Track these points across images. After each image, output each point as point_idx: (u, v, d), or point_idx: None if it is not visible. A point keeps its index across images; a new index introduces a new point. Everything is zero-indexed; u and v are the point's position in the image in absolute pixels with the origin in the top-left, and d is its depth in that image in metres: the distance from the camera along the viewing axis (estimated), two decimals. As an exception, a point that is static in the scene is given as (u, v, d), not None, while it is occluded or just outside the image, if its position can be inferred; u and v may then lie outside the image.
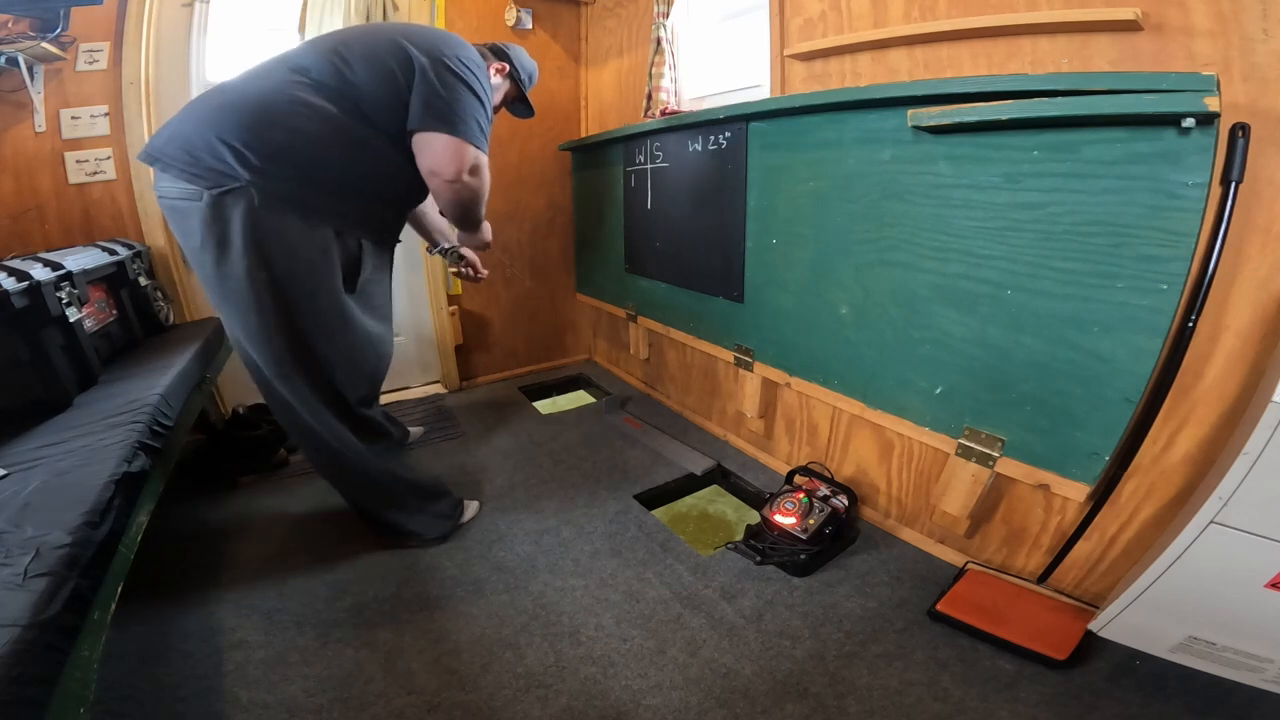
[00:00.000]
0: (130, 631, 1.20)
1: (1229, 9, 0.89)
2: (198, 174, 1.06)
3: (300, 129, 1.10)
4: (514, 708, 1.04)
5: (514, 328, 2.74)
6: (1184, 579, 0.87)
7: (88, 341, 1.36)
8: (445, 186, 1.19)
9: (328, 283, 1.19)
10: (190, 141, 1.07)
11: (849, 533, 1.48)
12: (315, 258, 1.16)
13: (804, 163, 1.47)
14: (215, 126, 1.07)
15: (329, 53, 1.14)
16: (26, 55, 1.63)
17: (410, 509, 1.47)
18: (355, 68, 1.12)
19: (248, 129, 1.07)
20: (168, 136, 1.10)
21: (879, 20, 1.36)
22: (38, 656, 0.63)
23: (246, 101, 1.10)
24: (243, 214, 1.07)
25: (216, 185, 1.06)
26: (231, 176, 1.06)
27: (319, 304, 1.18)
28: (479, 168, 1.20)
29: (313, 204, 1.14)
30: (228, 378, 2.12)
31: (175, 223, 1.14)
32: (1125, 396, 1.01)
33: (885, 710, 1.01)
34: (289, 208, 1.11)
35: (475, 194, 1.23)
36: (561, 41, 2.55)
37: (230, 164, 1.06)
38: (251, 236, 1.09)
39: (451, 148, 1.14)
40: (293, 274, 1.14)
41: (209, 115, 1.09)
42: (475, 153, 1.17)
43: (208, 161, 1.06)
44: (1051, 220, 1.04)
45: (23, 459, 1.00)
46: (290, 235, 1.12)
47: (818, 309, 1.52)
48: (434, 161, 1.15)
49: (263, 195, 1.08)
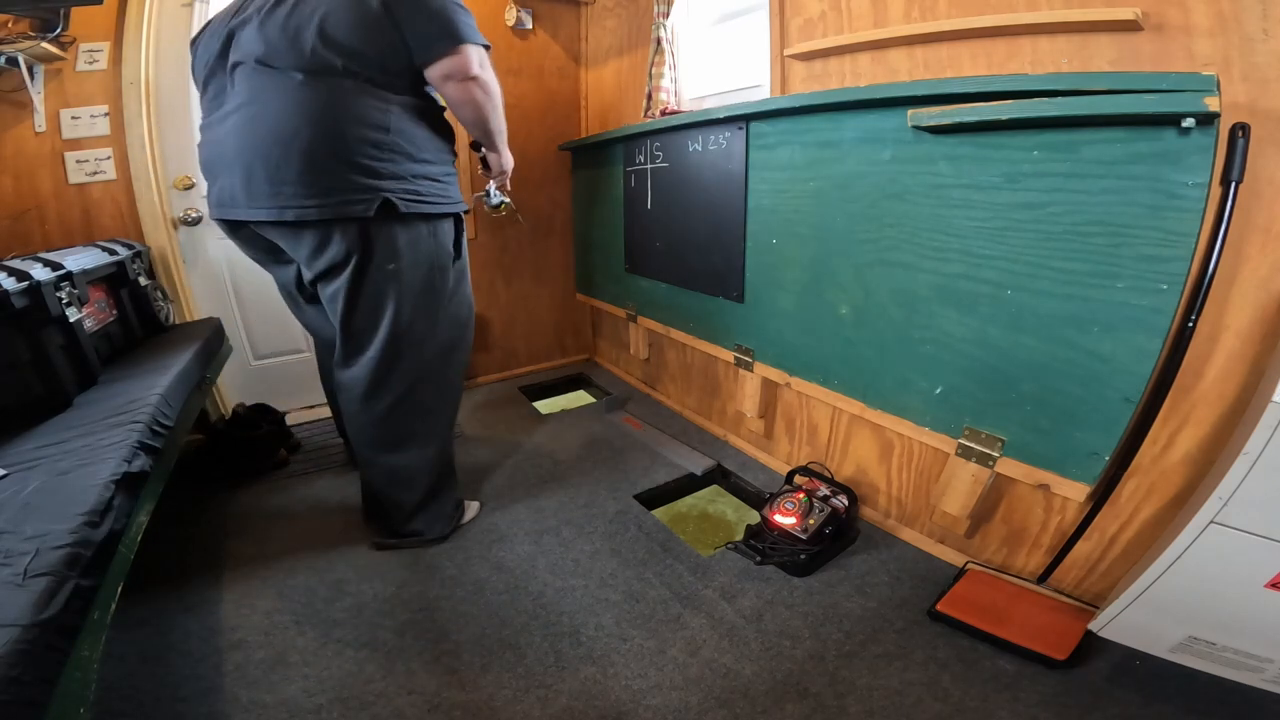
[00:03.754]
0: (130, 631, 1.20)
1: (1229, 9, 0.89)
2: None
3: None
4: (514, 708, 1.04)
5: (514, 328, 2.74)
6: (1184, 579, 0.87)
7: (88, 341, 1.36)
8: (461, 89, 1.17)
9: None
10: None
11: (849, 533, 1.48)
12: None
13: (804, 163, 1.47)
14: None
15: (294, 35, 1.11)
16: (26, 55, 1.63)
17: (429, 502, 1.47)
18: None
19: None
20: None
21: (879, 20, 1.36)
22: (38, 656, 0.63)
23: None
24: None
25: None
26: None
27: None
28: (484, 62, 1.18)
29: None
30: (228, 378, 2.12)
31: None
32: (1125, 396, 1.01)
33: (885, 710, 1.01)
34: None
35: (490, 89, 1.21)
36: (561, 41, 2.55)
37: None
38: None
39: (455, 61, 1.13)
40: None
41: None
42: (470, 55, 1.14)
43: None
44: (1051, 220, 1.04)
45: (23, 459, 1.00)
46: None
47: (818, 309, 1.52)
48: (447, 69, 1.14)
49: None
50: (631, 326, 2.42)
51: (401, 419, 1.34)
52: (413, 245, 1.23)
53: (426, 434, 1.39)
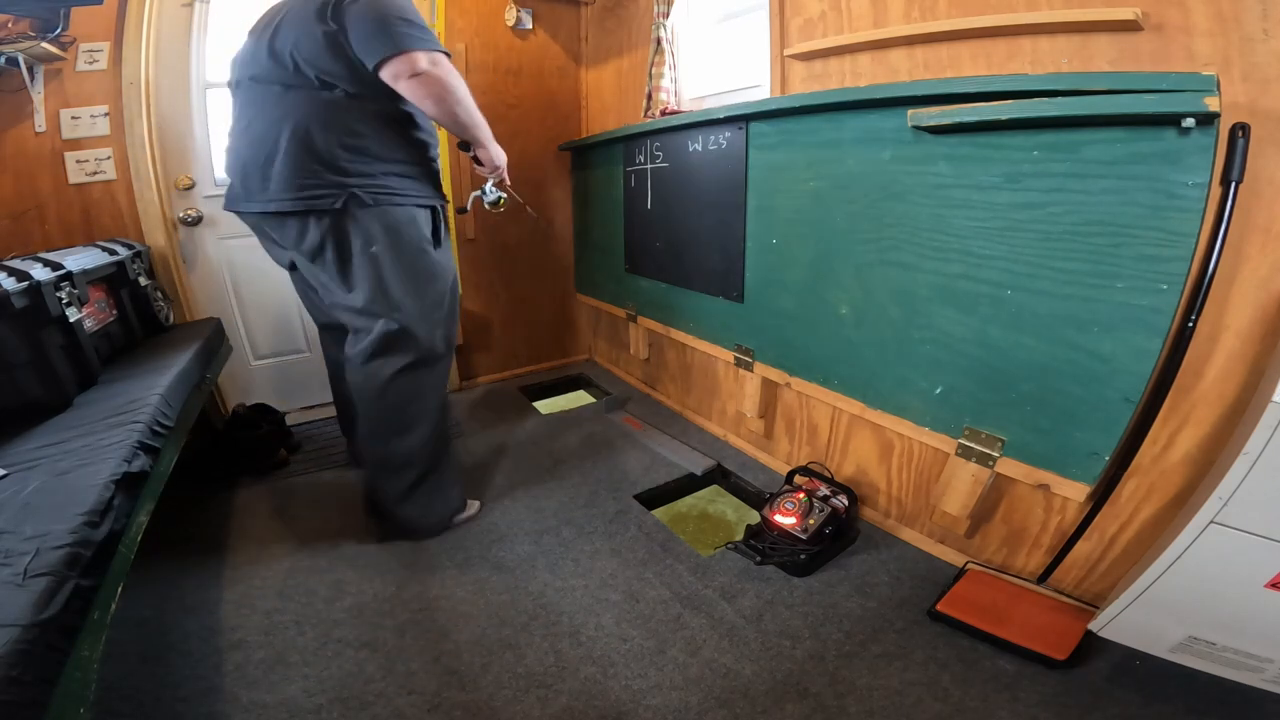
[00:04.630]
0: (130, 631, 1.20)
1: (1229, 9, 0.89)
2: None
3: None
4: (514, 708, 1.04)
5: (514, 328, 2.74)
6: (1184, 579, 0.87)
7: (88, 341, 1.36)
8: (413, 86, 1.23)
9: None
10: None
11: (849, 533, 1.48)
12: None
13: (804, 163, 1.47)
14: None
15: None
16: (26, 55, 1.63)
17: (432, 491, 1.52)
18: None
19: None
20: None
21: (879, 20, 1.36)
22: (38, 656, 0.63)
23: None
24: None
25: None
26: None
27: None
28: (435, 61, 1.23)
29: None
30: (228, 378, 2.12)
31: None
32: (1125, 396, 1.01)
33: (885, 710, 1.01)
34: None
35: (444, 83, 1.26)
36: (561, 41, 2.55)
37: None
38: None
39: (401, 61, 1.21)
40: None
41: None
42: (416, 55, 1.21)
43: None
44: (1051, 220, 1.04)
45: (23, 459, 1.00)
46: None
47: (818, 309, 1.52)
48: (394, 70, 1.22)
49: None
50: (631, 326, 2.42)
51: (397, 395, 1.44)
52: (392, 231, 1.35)
53: (419, 413, 1.48)
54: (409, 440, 1.46)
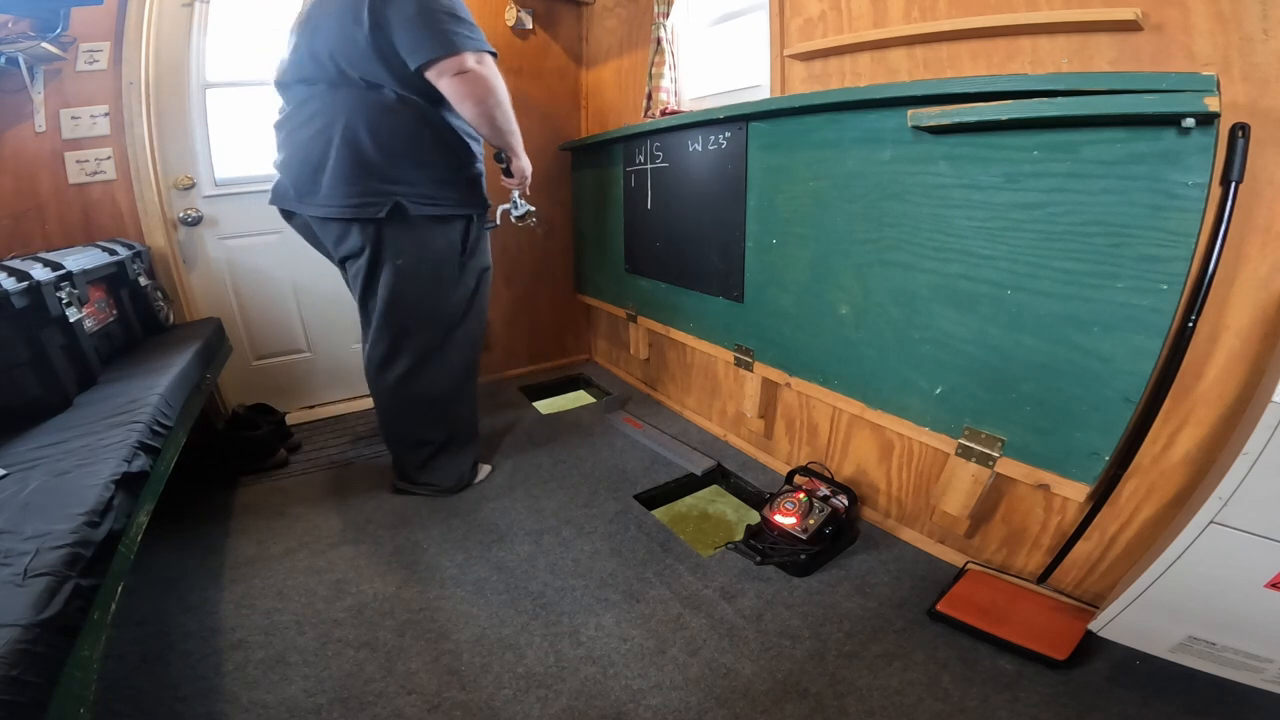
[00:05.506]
0: (130, 631, 1.20)
1: (1229, 9, 0.89)
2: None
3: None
4: (514, 708, 1.04)
5: (514, 328, 2.74)
6: (1184, 579, 0.87)
7: (88, 341, 1.36)
8: (455, 84, 1.24)
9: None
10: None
11: (849, 533, 1.48)
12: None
13: (804, 163, 1.47)
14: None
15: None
16: (26, 55, 1.63)
17: (447, 462, 1.67)
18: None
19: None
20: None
21: (879, 20, 1.36)
22: (38, 656, 0.63)
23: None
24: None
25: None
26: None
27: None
28: (481, 59, 1.24)
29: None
30: (228, 378, 2.12)
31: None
32: (1125, 396, 1.01)
33: (885, 710, 1.01)
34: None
35: (487, 84, 1.27)
36: (561, 41, 2.55)
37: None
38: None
39: (447, 61, 1.22)
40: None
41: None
42: (465, 56, 1.21)
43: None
44: (1051, 220, 1.04)
45: (23, 459, 1.00)
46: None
47: (818, 309, 1.52)
48: (440, 67, 1.23)
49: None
50: (631, 326, 2.42)
51: (405, 395, 1.55)
52: (421, 244, 1.40)
53: (427, 405, 1.58)
54: (420, 427, 1.59)
